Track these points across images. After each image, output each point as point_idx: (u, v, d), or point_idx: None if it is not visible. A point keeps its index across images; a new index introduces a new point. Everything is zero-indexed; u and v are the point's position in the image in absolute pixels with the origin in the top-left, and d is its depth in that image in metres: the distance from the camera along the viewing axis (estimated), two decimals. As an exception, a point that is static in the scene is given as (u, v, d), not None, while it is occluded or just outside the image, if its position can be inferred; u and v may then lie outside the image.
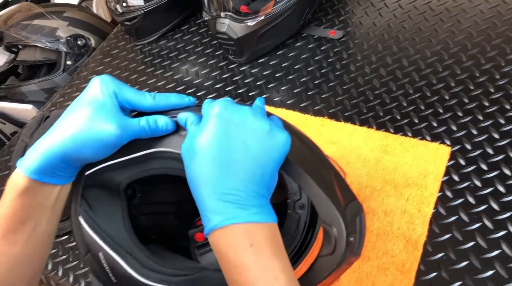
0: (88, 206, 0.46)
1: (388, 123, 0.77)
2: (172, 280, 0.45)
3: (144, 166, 0.47)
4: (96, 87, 0.44)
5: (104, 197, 0.48)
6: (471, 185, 0.66)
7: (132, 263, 0.45)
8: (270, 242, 0.38)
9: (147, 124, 0.44)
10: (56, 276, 0.78)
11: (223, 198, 0.38)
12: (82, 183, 0.47)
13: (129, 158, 0.46)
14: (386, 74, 0.84)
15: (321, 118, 0.82)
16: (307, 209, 0.53)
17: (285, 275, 0.38)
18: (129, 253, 0.46)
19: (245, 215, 0.38)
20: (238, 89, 0.95)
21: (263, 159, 0.40)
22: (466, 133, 0.71)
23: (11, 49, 1.34)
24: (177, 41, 1.14)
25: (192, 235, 0.54)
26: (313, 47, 0.96)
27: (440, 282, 0.58)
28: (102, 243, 0.45)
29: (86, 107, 0.43)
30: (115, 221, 0.47)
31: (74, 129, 0.42)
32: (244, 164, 0.39)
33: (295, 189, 0.52)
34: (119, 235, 0.46)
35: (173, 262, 0.48)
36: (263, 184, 0.40)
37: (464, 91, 0.76)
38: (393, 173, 0.70)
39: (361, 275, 0.61)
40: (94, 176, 0.47)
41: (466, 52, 0.82)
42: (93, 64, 1.19)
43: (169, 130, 0.46)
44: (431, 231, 0.63)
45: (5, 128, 1.23)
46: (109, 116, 0.43)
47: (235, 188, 0.38)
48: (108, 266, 0.45)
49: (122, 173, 0.47)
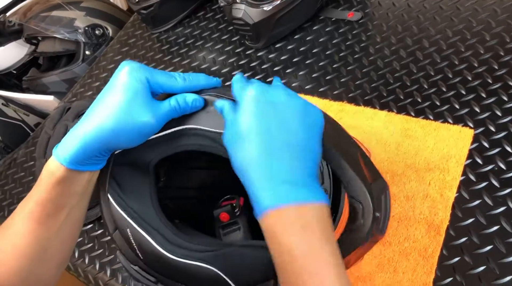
0: (116, 184, 0.47)
1: (409, 107, 0.75)
2: (198, 256, 0.45)
3: (175, 143, 0.47)
4: (127, 75, 0.44)
5: (132, 175, 0.48)
6: (495, 168, 0.64)
7: (159, 239, 0.46)
8: (321, 224, 0.38)
9: (177, 104, 0.45)
10: (83, 264, 0.80)
11: (273, 180, 0.38)
12: (111, 162, 0.48)
13: (160, 135, 0.47)
14: (406, 56, 0.82)
15: (340, 103, 0.81)
16: (330, 194, 0.53)
17: (335, 259, 0.37)
18: (156, 229, 0.46)
19: (297, 195, 0.38)
20: (256, 76, 0.94)
21: (306, 136, 0.40)
22: (490, 115, 0.69)
23: (31, 41, 1.36)
24: (193, 28, 1.13)
25: (217, 215, 0.55)
26: (331, 30, 0.94)
27: (463, 267, 0.58)
28: (130, 220, 0.46)
29: (119, 95, 0.43)
30: (143, 198, 0.48)
31: (110, 119, 0.42)
32: (290, 144, 0.39)
33: (317, 173, 0.52)
34: (147, 212, 0.47)
35: (199, 238, 0.49)
36: (310, 161, 0.40)
37: (488, 71, 0.74)
38: (415, 157, 0.69)
39: (382, 261, 0.61)
40: (123, 155, 0.48)
41: (490, 31, 0.79)
42: (111, 54, 1.20)
43: (198, 107, 0.47)
44: (453, 216, 0.62)
45: (28, 119, 1.26)
46: (144, 105, 0.43)
47: (284, 170, 0.38)
48: (136, 243, 0.46)
49: (152, 151, 0.48)
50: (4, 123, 1.18)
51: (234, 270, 0.45)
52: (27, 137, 1.15)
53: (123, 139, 0.44)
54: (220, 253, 0.45)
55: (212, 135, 0.46)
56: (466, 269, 0.58)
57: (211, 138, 0.46)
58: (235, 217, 0.55)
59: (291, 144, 0.39)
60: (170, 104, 0.45)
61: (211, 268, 0.44)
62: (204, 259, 0.45)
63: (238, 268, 0.45)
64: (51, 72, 1.30)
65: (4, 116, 1.19)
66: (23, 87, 1.35)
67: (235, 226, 0.54)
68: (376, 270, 0.61)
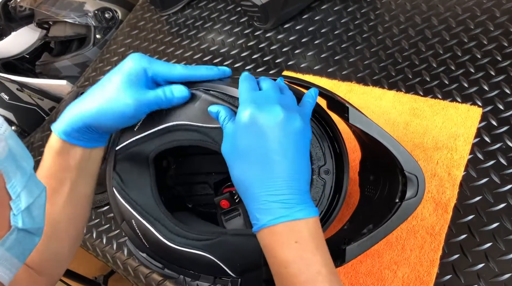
0: (119, 178, 0.50)
1: (418, 86, 0.76)
2: (195, 244, 0.49)
3: (167, 138, 0.50)
4: (125, 65, 0.47)
5: (134, 169, 0.51)
6: (503, 146, 0.65)
7: (160, 229, 0.49)
8: (314, 237, 0.41)
9: (163, 94, 0.47)
10: (101, 244, 0.83)
11: (269, 199, 0.41)
12: (113, 157, 0.51)
13: (151, 132, 0.50)
14: (415, 35, 0.82)
15: (349, 83, 0.82)
16: (332, 174, 0.54)
17: (327, 268, 0.41)
18: (157, 220, 0.50)
19: (291, 213, 0.41)
20: (265, 57, 0.94)
21: (299, 155, 0.43)
22: (499, 93, 0.69)
23: (42, 25, 1.37)
24: (202, 10, 1.13)
25: (218, 202, 0.57)
26: (340, 9, 0.94)
27: (470, 244, 0.59)
28: (133, 212, 0.50)
29: (109, 82, 0.47)
30: (144, 191, 0.51)
31: (95, 101, 0.46)
32: (285, 165, 0.42)
33: (319, 154, 0.54)
34: (148, 203, 0.50)
35: (198, 227, 0.52)
36: (303, 178, 0.43)
37: (498, 48, 0.74)
38: (423, 137, 0.70)
39: (390, 239, 0.63)
40: (124, 150, 0.51)
41: (500, 7, 0.78)
42: (121, 37, 1.21)
43: (184, 98, 0.49)
44: (461, 194, 0.63)
45: (43, 104, 1.28)
46: (128, 90, 0.46)
47: (279, 189, 0.41)
48: (141, 233, 0.50)
49: (148, 146, 0.51)
50: (20, 108, 1.21)
51: (228, 257, 0.48)
52: (43, 122, 1.18)
53: (107, 120, 0.47)
54: (215, 241, 0.49)
55: (204, 130, 0.48)
56: (472, 246, 0.59)
57: (203, 133, 0.48)
58: (235, 203, 0.58)
59: (286, 164, 0.42)
60: (156, 93, 0.47)
61: (208, 256, 0.48)
62: (201, 248, 0.48)
63: (232, 255, 0.48)
64: (63, 56, 1.31)
65: (19, 101, 1.21)
66: (36, 72, 1.37)
67: (236, 212, 0.57)
68: (384, 248, 0.62)
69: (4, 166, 0.29)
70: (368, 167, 0.61)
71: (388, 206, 0.51)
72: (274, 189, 0.41)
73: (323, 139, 0.55)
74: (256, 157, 0.42)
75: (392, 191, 0.52)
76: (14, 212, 0.30)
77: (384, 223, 0.49)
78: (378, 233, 0.49)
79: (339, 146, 0.55)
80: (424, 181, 0.49)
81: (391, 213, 0.49)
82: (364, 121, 0.50)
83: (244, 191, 0.43)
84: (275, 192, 0.41)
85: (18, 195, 0.30)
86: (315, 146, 0.55)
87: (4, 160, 0.29)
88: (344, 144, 0.55)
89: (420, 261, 0.60)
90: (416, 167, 0.49)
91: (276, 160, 0.41)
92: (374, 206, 0.57)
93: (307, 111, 0.47)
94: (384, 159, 0.51)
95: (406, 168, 0.49)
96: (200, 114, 0.48)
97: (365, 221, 0.55)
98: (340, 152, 0.55)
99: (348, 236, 0.54)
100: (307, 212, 0.42)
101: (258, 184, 0.41)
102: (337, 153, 0.55)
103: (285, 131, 0.42)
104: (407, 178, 0.49)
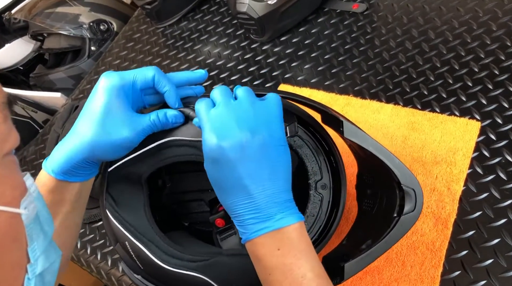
0: (112, 199, 0.49)
1: (415, 99, 0.75)
2: (190, 266, 0.48)
3: (160, 156, 0.49)
4: (103, 87, 0.45)
5: (127, 190, 0.50)
6: (502, 161, 0.64)
7: (154, 251, 0.48)
8: (297, 242, 0.41)
9: (157, 119, 0.46)
10: (95, 260, 0.81)
11: (248, 216, 0.41)
12: (106, 179, 0.50)
13: (143, 151, 0.48)
14: (412, 48, 0.82)
15: (346, 96, 0.81)
16: (330, 188, 0.54)
17: (313, 272, 0.40)
18: (151, 241, 0.48)
19: (270, 224, 0.41)
20: (261, 70, 0.94)
21: (279, 165, 0.42)
22: (497, 107, 0.69)
23: (37, 37, 1.37)
24: (198, 22, 1.13)
25: (213, 221, 0.56)
26: (336, 22, 0.94)
27: (471, 260, 0.58)
28: (127, 233, 0.48)
29: (98, 110, 0.44)
30: (138, 212, 0.50)
31: (89, 134, 0.44)
32: (256, 184, 0.41)
33: (315, 169, 0.53)
34: (142, 225, 0.49)
35: (193, 248, 0.51)
36: (284, 187, 0.42)
37: (495, 62, 0.74)
38: (421, 151, 0.69)
39: (390, 254, 0.62)
40: (117, 171, 0.49)
41: (497, 21, 0.78)
42: (116, 49, 1.20)
43: (178, 123, 0.48)
44: (461, 209, 0.62)
45: (37, 116, 1.27)
46: (122, 120, 0.45)
47: (256, 206, 0.41)
48: (134, 254, 0.49)
49: (141, 166, 0.49)
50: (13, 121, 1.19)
51: (224, 278, 0.48)
52: (36, 135, 1.16)
53: (105, 153, 0.45)
54: (210, 262, 0.48)
55: (197, 144, 0.47)
56: (473, 262, 0.58)
57: (196, 147, 0.48)
58: (230, 222, 0.56)
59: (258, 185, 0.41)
60: (150, 119, 0.46)
61: (203, 277, 0.47)
62: (196, 269, 0.47)
63: (227, 276, 0.48)
64: (57, 69, 1.30)
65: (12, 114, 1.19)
66: (30, 84, 1.36)
67: (231, 230, 0.56)
68: (384, 264, 0.61)
69: (29, 228, 0.28)
70: (365, 181, 0.61)
71: (386, 221, 0.50)
72: (251, 207, 0.41)
73: (318, 153, 0.54)
74: (227, 185, 0.41)
75: (390, 205, 0.51)
76: (29, 276, 0.29)
77: (383, 238, 0.48)
78: (377, 249, 0.48)
79: (336, 159, 0.54)
80: (422, 194, 0.49)
81: (389, 228, 0.49)
82: (359, 135, 0.49)
83: (227, 209, 0.43)
84: (253, 210, 0.41)
85: (36, 259, 0.29)
86: (311, 160, 0.54)
87: (31, 222, 0.28)
88: (341, 158, 0.54)
89: (421, 278, 0.59)
90: (414, 181, 0.48)
91: (247, 183, 0.41)
92: (372, 221, 0.56)
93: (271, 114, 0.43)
94: (381, 173, 0.51)
95: (403, 182, 0.48)
96: (192, 129, 0.48)
97: (364, 236, 0.54)
98: (336, 166, 0.54)
99: (347, 253, 0.53)
100: (287, 220, 0.41)
101: (236, 206, 0.41)
102: (333, 166, 0.54)
103: (249, 151, 0.40)
104: (404, 192, 0.48)
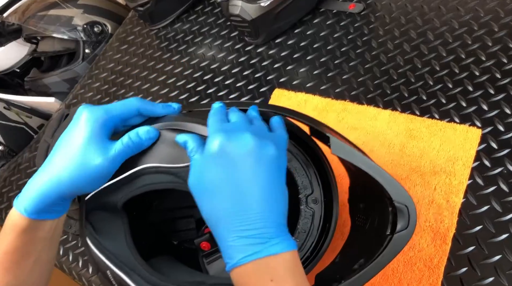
0: (92, 228, 0.48)
1: (414, 105, 0.72)
2: None
3: (135, 184, 0.47)
4: (85, 121, 0.43)
5: (106, 218, 0.49)
6: (504, 171, 0.61)
7: (136, 280, 0.46)
8: (292, 274, 0.38)
9: (129, 140, 0.44)
10: (77, 267, 0.79)
11: (241, 234, 0.37)
12: (84, 207, 0.48)
13: (117, 180, 0.46)
14: (410, 50, 0.79)
15: (342, 101, 0.78)
16: (321, 202, 0.51)
17: None
18: (132, 270, 0.46)
19: (264, 248, 0.37)
20: (256, 73, 0.91)
21: (273, 184, 0.39)
22: (499, 113, 0.66)
23: (31, 40, 1.35)
24: (192, 24, 1.10)
25: (198, 244, 0.54)
26: (332, 23, 0.91)
27: (471, 278, 0.56)
28: (108, 262, 0.46)
29: (79, 143, 0.43)
30: (118, 240, 0.48)
31: (69, 170, 0.42)
32: (257, 195, 0.38)
33: (305, 183, 0.51)
34: (122, 253, 0.47)
35: (176, 275, 0.49)
36: (278, 209, 0.39)
37: (496, 65, 0.70)
38: (420, 160, 0.67)
39: (387, 271, 0.60)
40: (94, 199, 0.48)
41: (498, 21, 0.75)
42: (110, 53, 1.18)
43: (153, 138, 0.46)
44: (460, 223, 0.60)
45: (31, 121, 1.25)
46: (96, 150, 0.42)
47: (252, 222, 0.38)
48: (117, 283, 0.47)
49: (116, 194, 0.47)
50: (7, 127, 1.18)
51: None
52: (31, 140, 1.15)
53: (79, 186, 0.43)
54: None
55: (173, 171, 0.45)
56: (473, 280, 0.55)
57: (173, 174, 0.45)
58: (216, 245, 0.54)
59: (258, 196, 0.38)
60: (122, 143, 0.44)
61: None
62: None
63: None
64: (52, 72, 1.28)
65: (6, 120, 1.18)
66: (25, 88, 1.34)
67: (217, 254, 0.54)
68: (380, 282, 0.59)
69: None
70: (357, 194, 0.58)
71: (379, 239, 0.48)
72: (246, 223, 0.37)
73: (308, 166, 0.52)
74: (226, 189, 0.38)
75: (382, 221, 0.49)
76: None
77: (375, 259, 0.46)
78: (369, 271, 0.46)
79: (326, 172, 0.52)
80: (415, 211, 0.46)
81: (382, 246, 0.46)
82: (347, 152, 0.46)
83: (214, 226, 0.39)
84: (247, 226, 0.37)
85: None
86: (301, 174, 0.51)
87: None
88: (332, 170, 0.52)
89: (419, 296, 0.57)
90: (406, 197, 0.46)
91: (248, 190, 0.38)
92: (365, 237, 0.54)
93: (281, 138, 0.44)
94: (373, 188, 0.48)
95: (395, 198, 0.46)
96: (168, 154, 0.45)
97: (357, 254, 0.52)
98: (327, 179, 0.52)
99: (340, 272, 0.51)
100: (283, 246, 0.38)
101: (229, 218, 0.38)
102: (324, 180, 0.52)
103: (257, 159, 0.39)
104: (397, 208, 0.46)
